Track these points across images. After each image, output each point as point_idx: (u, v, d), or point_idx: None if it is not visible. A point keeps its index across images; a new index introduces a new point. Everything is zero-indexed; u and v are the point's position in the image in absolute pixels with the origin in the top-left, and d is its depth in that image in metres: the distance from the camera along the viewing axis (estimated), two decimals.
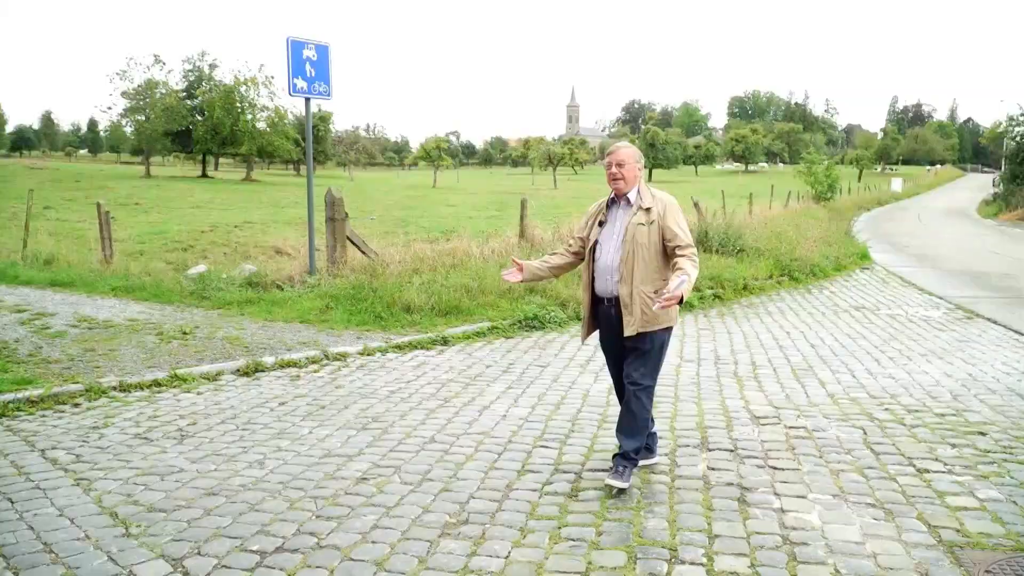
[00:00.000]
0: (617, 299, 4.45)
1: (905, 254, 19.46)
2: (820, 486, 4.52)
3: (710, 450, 5.14)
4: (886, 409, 6.09)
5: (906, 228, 29.08)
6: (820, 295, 12.54)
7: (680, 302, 4.06)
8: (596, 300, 4.61)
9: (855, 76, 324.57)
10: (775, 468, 4.81)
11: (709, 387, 6.79)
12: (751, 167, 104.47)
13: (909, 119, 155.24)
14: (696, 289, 11.36)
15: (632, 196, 4.50)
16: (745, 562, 3.60)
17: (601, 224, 4.59)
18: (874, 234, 24.46)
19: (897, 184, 59.80)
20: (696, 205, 16.06)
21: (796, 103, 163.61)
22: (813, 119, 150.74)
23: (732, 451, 5.12)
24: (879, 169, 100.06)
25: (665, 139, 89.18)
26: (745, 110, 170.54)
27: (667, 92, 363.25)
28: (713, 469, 4.79)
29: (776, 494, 4.40)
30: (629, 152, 4.50)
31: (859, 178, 69.64)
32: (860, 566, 3.58)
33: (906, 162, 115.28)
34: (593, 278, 4.59)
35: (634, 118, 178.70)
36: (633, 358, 4.48)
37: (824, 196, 34.33)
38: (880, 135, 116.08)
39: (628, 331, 4.38)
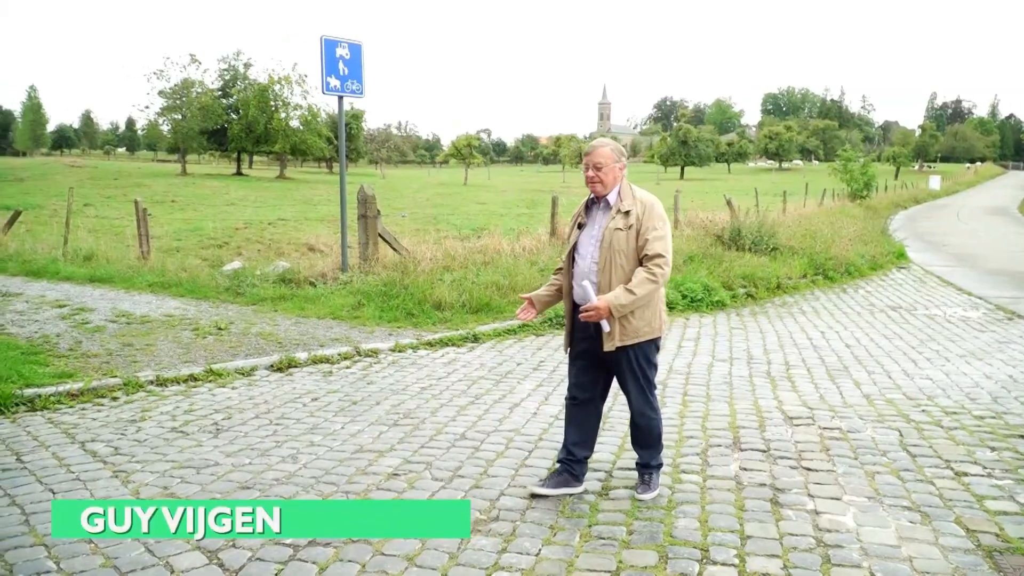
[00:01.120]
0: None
1: (943, 253, 19.14)
2: (855, 488, 4.46)
3: (742, 450, 5.10)
4: (923, 411, 5.99)
5: (944, 227, 28.59)
6: (855, 294, 12.38)
7: (610, 315, 3.88)
8: (575, 307, 4.25)
9: (892, 72, 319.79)
10: (809, 469, 4.76)
11: (742, 387, 6.74)
12: (785, 165, 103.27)
13: (948, 115, 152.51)
14: (728, 288, 11.29)
15: (611, 198, 4.16)
16: (778, 564, 3.57)
17: (580, 227, 4.27)
18: (911, 233, 24.07)
19: (935, 182, 58.78)
20: (729, 203, 15.94)
21: (832, 100, 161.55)
22: (849, 116, 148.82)
23: (765, 451, 5.07)
24: (917, 167, 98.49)
25: (697, 136, 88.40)
26: (779, 107, 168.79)
27: (700, 89, 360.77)
28: (745, 469, 4.76)
29: (810, 495, 4.35)
30: (607, 152, 4.15)
31: (896, 176, 68.59)
32: (896, 570, 3.53)
33: (945, 159, 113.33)
34: (572, 285, 4.27)
35: (666, 115, 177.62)
36: (623, 378, 4.24)
37: (860, 194, 33.88)
38: (918, 132, 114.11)
39: (607, 346, 4.08)
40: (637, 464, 4.41)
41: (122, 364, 7.00)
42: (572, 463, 4.36)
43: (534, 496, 4.29)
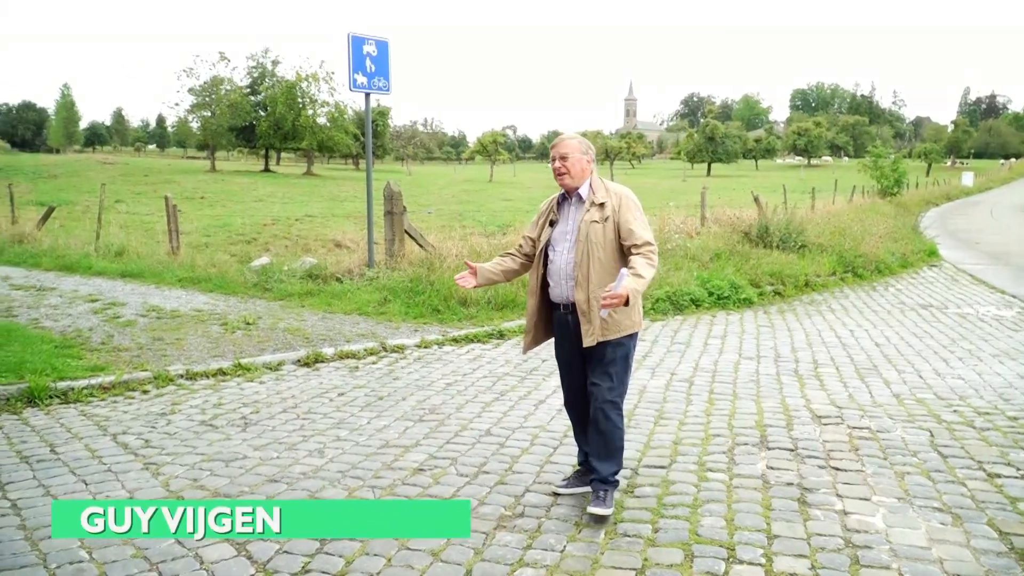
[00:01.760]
0: (573, 305, 4.04)
1: (976, 251, 18.85)
2: (884, 488, 4.41)
3: (769, 449, 5.06)
4: (955, 411, 5.91)
5: (977, 224, 28.14)
6: (885, 292, 12.22)
7: (626, 303, 3.64)
8: (552, 306, 4.20)
9: (924, 67, 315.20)
10: (837, 469, 4.71)
11: (769, 385, 6.68)
12: (814, 161, 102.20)
13: (982, 111, 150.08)
14: (756, 285, 11.20)
15: (583, 191, 4.07)
16: (805, 564, 3.54)
17: (552, 224, 4.16)
18: (943, 230, 23.73)
19: (968, 178, 57.86)
20: (756, 200, 15.80)
21: (862, 95, 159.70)
22: (879, 111, 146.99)
23: (792, 451, 5.03)
24: (949, 163, 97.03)
25: (725, 133, 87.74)
26: (808, 103, 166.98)
27: (727, 85, 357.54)
28: (772, 468, 4.72)
29: (838, 495, 4.31)
30: (573, 143, 4.06)
31: (927, 172, 67.64)
32: (926, 571, 3.48)
33: (978, 156, 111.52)
34: (546, 283, 4.17)
35: (693, 111, 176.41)
36: (595, 371, 4.07)
37: (890, 191, 33.42)
38: (950, 127, 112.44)
39: (587, 341, 3.96)
40: (592, 479, 4.11)
41: (152, 358, 7.09)
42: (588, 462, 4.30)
43: (557, 495, 4.28)
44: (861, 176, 36.29)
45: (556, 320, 4.21)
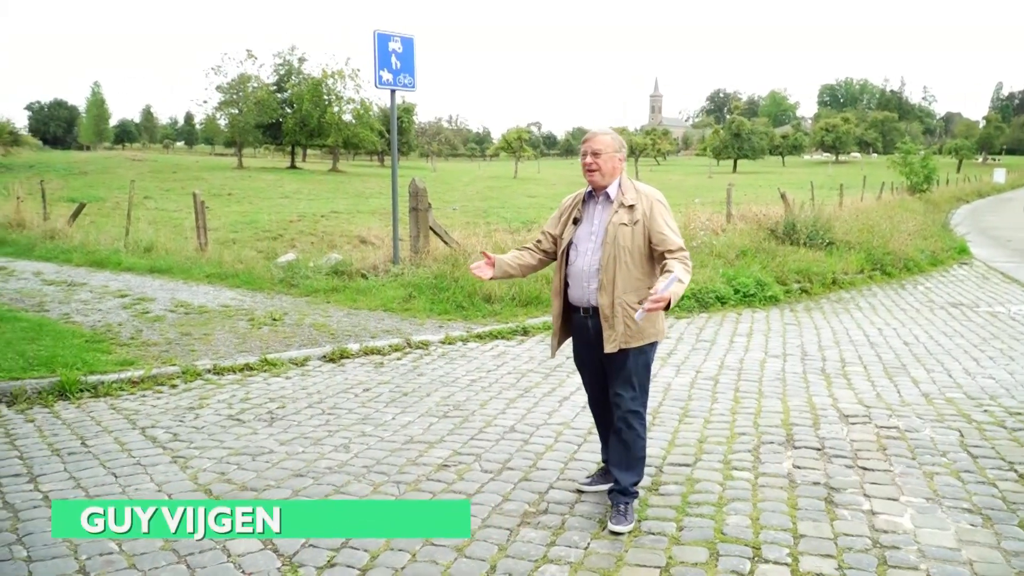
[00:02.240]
0: (596, 310, 3.87)
1: (1008, 249, 18.55)
2: (913, 488, 4.36)
3: (796, 448, 5.02)
4: (985, 411, 5.82)
5: (1009, 221, 27.69)
6: (914, 291, 12.07)
7: (667, 308, 3.51)
8: (571, 308, 4.04)
9: (956, 62, 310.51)
10: (865, 469, 4.66)
11: (795, 383, 6.63)
12: (842, 157, 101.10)
13: (1015, 106, 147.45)
14: (782, 283, 11.12)
15: (612, 191, 3.90)
16: (832, 564, 3.51)
17: (576, 222, 3.99)
18: (974, 227, 23.39)
19: (1000, 175, 56.92)
20: (783, 196, 15.67)
21: (891, 90, 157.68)
22: (909, 107, 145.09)
23: (819, 450, 4.98)
24: (980, 159, 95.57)
25: (751, 129, 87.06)
26: (836, 98, 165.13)
27: (754, 81, 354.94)
28: (799, 468, 4.68)
29: (866, 495, 4.27)
30: (607, 140, 3.88)
31: (958, 169, 66.60)
32: (955, 573, 3.44)
33: (1011, 152, 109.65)
34: (567, 284, 4.02)
35: (719, 108, 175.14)
36: (617, 380, 3.93)
37: (920, 188, 32.99)
38: (982, 123, 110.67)
39: (609, 347, 3.83)
40: (611, 490, 3.99)
41: (181, 353, 7.17)
42: None
43: (581, 492, 4.27)
44: (890, 173, 35.82)
45: (575, 323, 4.06)
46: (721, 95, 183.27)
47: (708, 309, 9.96)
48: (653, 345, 3.96)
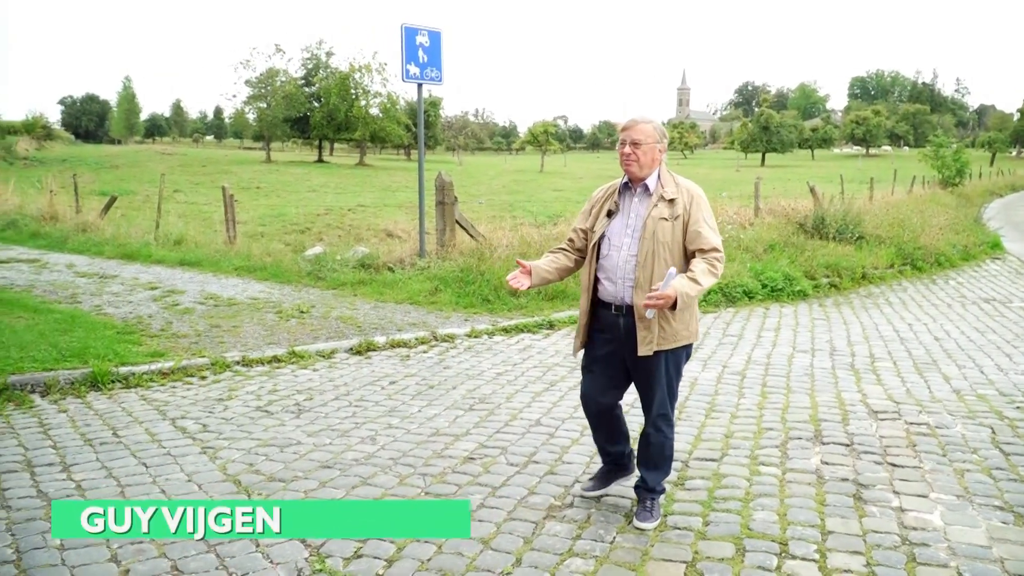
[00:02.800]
0: (630, 308, 3.67)
1: None
2: (943, 485, 4.31)
3: (824, 444, 4.98)
4: (1017, 407, 5.74)
5: None
6: (946, 286, 11.90)
7: (673, 307, 3.42)
8: (600, 304, 3.83)
9: (990, 54, 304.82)
10: (894, 465, 4.61)
11: (824, 379, 6.57)
12: (872, 151, 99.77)
13: None
14: (811, 277, 11.02)
15: (651, 183, 3.71)
16: (860, 560, 3.48)
17: (610, 215, 3.78)
18: (1007, 222, 22.98)
19: None
20: (812, 190, 15.50)
21: (923, 83, 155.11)
22: (941, 99, 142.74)
23: (847, 446, 4.94)
24: (1014, 152, 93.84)
25: (780, 122, 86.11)
26: (867, 91, 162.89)
27: (783, 73, 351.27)
28: (827, 463, 4.64)
29: (895, 492, 4.22)
30: (648, 129, 3.67)
31: (991, 162, 65.42)
32: (986, 571, 3.40)
33: None
34: (596, 279, 3.81)
35: (747, 100, 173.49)
36: (646, 384, 3.80)
37: (952, 181, 32.43)
38: (1016, 116, 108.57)
39: (643, 350, 3.64)
40: (639, 487, 3.94)
41: (210, 345, 7.26)
42: (617, 459, 4.14)
43: (585, 498, 4.09)
44: (921, 166, 35.26)
45: (604, 320, 3.82)
46: (750, 88, 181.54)
47: (735, 304, 9.89)
48: (687, 347, 3.83)
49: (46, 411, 5.52)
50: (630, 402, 4.08)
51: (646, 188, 3.73)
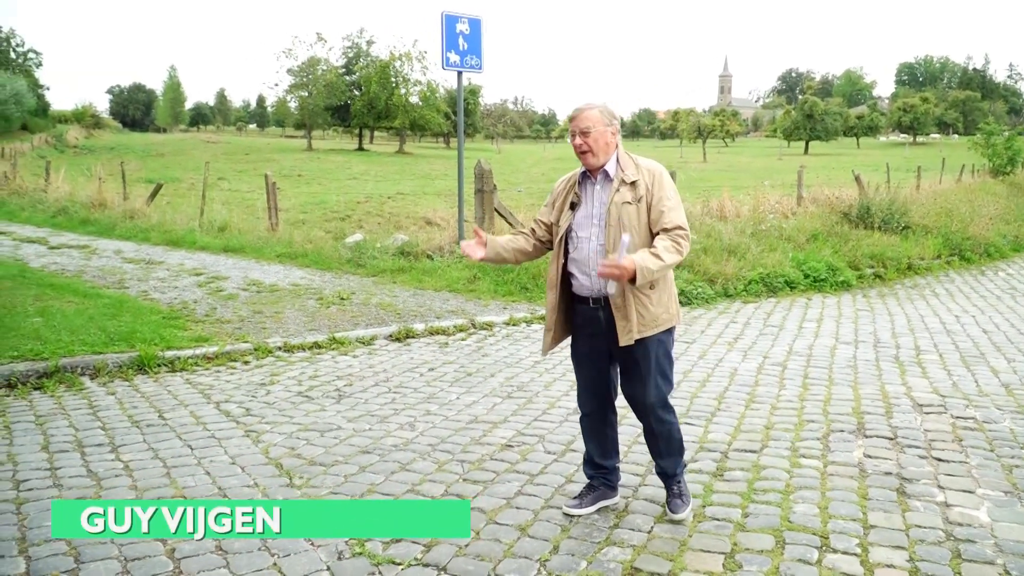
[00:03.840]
0: (606, 300, 3.55)
1: None
2: (990, 481, 4.22)
3: (867, 437, 4.90)
4: None
5: None
6: (995, 277, 11.62)
7: (632, 282, 3.30)
8: (576, 300, 3.72)
9: None
10: (939, 460, 4.53)
11: (867, 371, 6.46)
12: (920, 139, 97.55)
13: None
14: (855, 267, 10.84)
15: (611, 168, 3.59)
16: (903, 555, 3.43)
17: (573, 207, 3.66)
18: None
19: None
20: (857, 179, 15.22)
21: (974, 68, 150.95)
22: (993, 86, 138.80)
23: (891, 439, 4.86)
24: None
25: (824, 109, 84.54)
26: (915, 77, 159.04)
27: (828, 59, 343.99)
28: (870, 457, 4.57)
29: (940, 487, 4.15)
30: (594, 115, 3.55)
31: None
32: None
33: None
34: (566, 273, 3.68)
35: (791, 87, 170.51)
36: (635, 374, 3.68)
37: (1003, 170, 31.56)
38: None
39: (624, 339, 3.51)
40: (661, 474, 3.88)
41: (253, 330, 7.37)
42: (605, 475, 3.96)
43: (570, 517, 3.82)
44: (971, 154, 34.37)
45: (582, 316, 3.71)
46: (793, 75, 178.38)
47: (776, 294, 9.77)
48: (670, 331, 3.70)
49: (95, 393, 5.66)
50: (626, 405, 3.98)
51: (606, 174, 3.62)
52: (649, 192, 3.53)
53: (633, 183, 3.55)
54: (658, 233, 3.49)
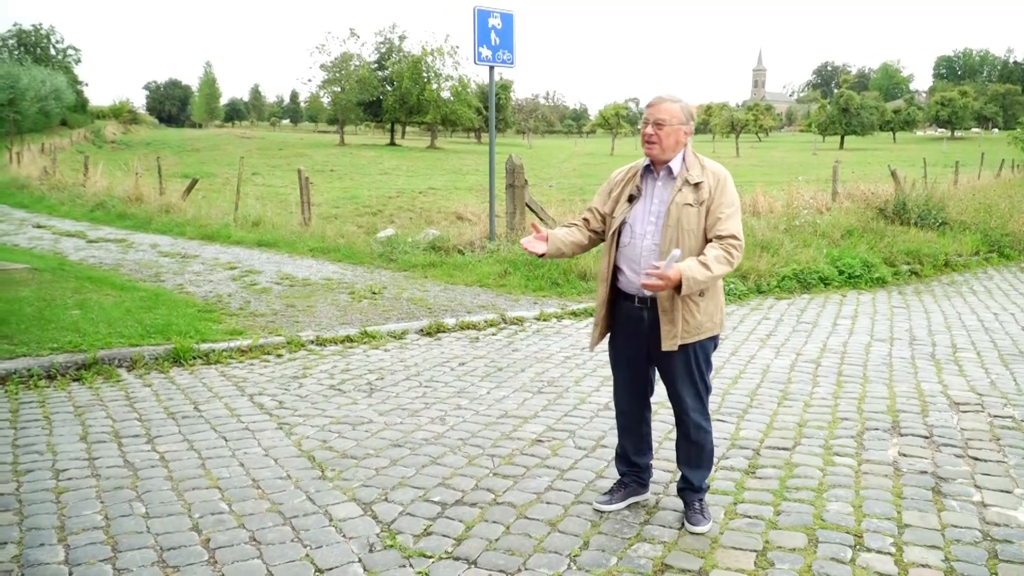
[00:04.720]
0: (653, 301, 3.48)
1: None
2: None
3: (902, 435, 4.84)
4: None
5: None
6: None
7: (677, 291, 3.24)
8: (623, 296, 3.62)
9: None
10: (976, 459, 4.46)
11: (902, 369, 6.37)
12: (958, 133, 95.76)
13: None
14: (890, 264, 10.68)
15: (675, 166, 3.49)
16: (939, 555, 3.38)
17: (631, 199, 3.56)
18: None
19: None
20: (893, 174, 14.99)
21: (1015, 61, 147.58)
22: None
23: (927, 438, 4.79)
24: None
25: (860, 103, 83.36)
26: (954, 70, 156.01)
27: (864, 53, 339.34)
28: (905, 455, 4.51)
29: (976, 487, 4.08)
30: (674, 110, 3.45)
31: None
32: None
33: None
34: (617, 268, 3.60)
35: (826, 81, 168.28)
36: (675, 379, 3.61)
37: None
38: None
39: (667, 344, 3.45)
40: (684, 489, 3.76)
41: (286, 324, 7.45)
42: (637, 472, 3.92)
43: (600, 512, 3.81)
44: (1011, 149, 33.78)
45: (625, 313, 3.63)
46: (829, 68, 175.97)
47: (810, 290, 9.67)
48: (713, 339, 3.62)
49: (132, 385, 5.76)
50: (660, 401, 3.95)
51: (670, 171, 3.51)
52: (711, 196, 3.43)
53: (697, 185, 3.44)
54: (711, 240, 3.40)
